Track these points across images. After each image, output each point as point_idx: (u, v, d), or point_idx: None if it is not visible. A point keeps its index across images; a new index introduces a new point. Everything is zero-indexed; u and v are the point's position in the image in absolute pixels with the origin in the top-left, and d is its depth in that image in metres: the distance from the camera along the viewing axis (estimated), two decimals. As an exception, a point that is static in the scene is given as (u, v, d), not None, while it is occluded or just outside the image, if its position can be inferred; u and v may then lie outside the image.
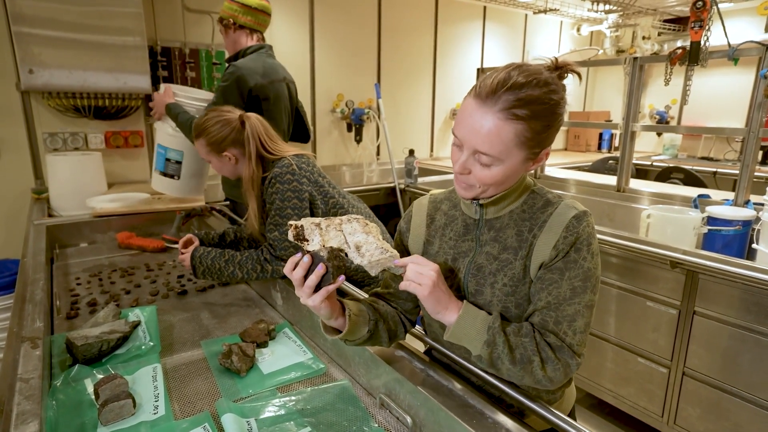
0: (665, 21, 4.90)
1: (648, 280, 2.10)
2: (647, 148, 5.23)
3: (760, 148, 2.23)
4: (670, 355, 2.06)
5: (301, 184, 1.54)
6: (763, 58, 2.12)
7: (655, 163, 4.34)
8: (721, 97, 4.63)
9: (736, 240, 2.09)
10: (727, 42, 2.23)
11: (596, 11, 4.61)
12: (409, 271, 0.87)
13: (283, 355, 1.26)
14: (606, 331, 2.29)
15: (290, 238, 0.90)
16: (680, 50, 2.38)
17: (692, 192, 2.71)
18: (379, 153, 4.15)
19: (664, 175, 3.74)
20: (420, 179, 3.51)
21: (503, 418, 0.86)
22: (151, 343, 1.27)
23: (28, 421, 0.86)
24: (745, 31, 4.41)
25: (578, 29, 5.36)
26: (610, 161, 4.00)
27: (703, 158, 4.65)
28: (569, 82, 0.91)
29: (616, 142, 5.07)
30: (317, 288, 0.88)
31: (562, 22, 5.26)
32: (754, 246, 2.03)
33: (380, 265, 0.88)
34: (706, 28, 2.27)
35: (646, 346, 2.15)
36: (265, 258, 1.51)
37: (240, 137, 1.56)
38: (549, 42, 5.24)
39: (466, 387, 0.95)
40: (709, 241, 2.14)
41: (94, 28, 2.53)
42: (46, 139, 2.71)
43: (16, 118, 2.65)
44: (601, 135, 5.28)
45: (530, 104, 0.81)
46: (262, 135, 1.57)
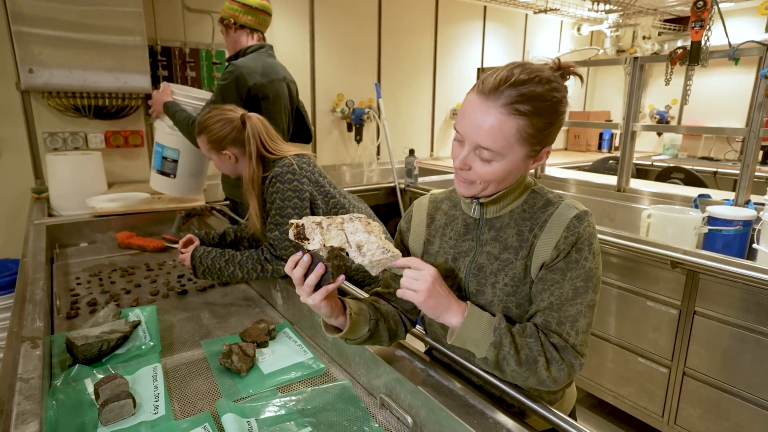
0: (665, 21, 4.90)
1: (648, 280, 2.10)
2: (647, 148, 5.23)
3: (760, 148, 2.23)
4: (671, 355, 2.06)
5: (302, 184, 1.54)
6: (763, 57, 2.12)
7: (655, 163, 4.34)
8: (721, 97, 4.63)
9: (737, 240, 2.09)
10: (728, 42, 2.23)
11: (596, 11, 4.60)
12: (404, 278, 0.87)
13: (284, 354, 1.26)
14: (606, 331, 2.29)
15: (291, 237, 0.90)
16: (681, 50, 2.38)
17: (693, 192, 2.71)
18: (379, 153, 4.15)
19: (665, 175, 3.74)
20: (420, 179, 3.51)
21: (504, 418, 0.86)
22: (152, 343, 1.27)
23: (28, 421, 0.86)
24: (746, 30, 4.41)
25: (578, 29, 5.36)
26: (611, 161, 4.00)
27: (704, 158, 4.64)
28: (570, 82, 0.91)
29: (617, 142, 5.07)
30: (317, 287, 0.88)
31: (562, 21, 5.26)
32: (754, 246, 2.03)
33: (381, 264, 0.88)
34: (707, 27, 2.27)
35: (647, 346, 2.15)
36: (266, 258, 1.51)
37: (240, 136, 1.57)
38: (549, 42, 5.24)
39: (466, 387, 0.95)
40: (710, 241, 2.14)
41: (94, 27, 2.53)
42: (46, 139, 2.71)
43: (16, 117, 2.65)
44: (601, 135, 5.28)
45: (533, 100, 0.81)
46: (263, 135, 1.57)
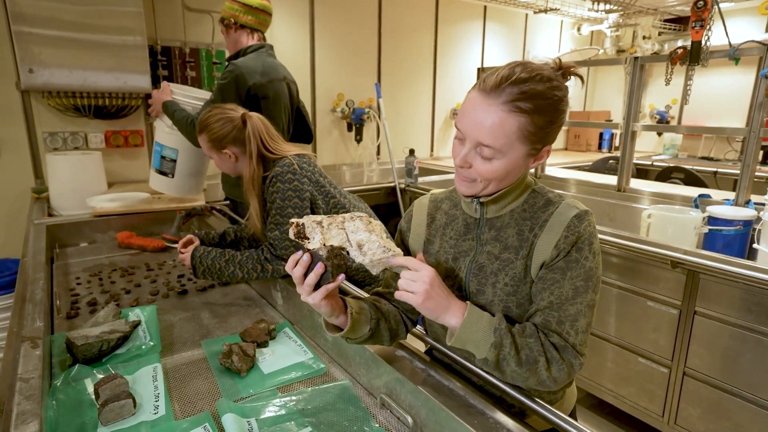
0: (666, 21, 4.90)
1: (649, 280, 2.10)
2: (647, 147, 5.23)
3: (760, 148, 2.23)
4: (671, 355, 2.06)
5: (302, 184, 1.54)
6: (763, 57, 2.11)
7: (655, 163, 4.34)
8: (721, 96, 4.62)
9: (737, 240, 2.09)
10: (728, 42, 2.23)
11: (597, 11, 4.60)
12: (402, 279, 0.86)
13: (284, 354, 1.26)
14: (607, 331, 2.29)
15: (291, 236, 0.90)
16: (681, 50, 2.38)
17: (693, 192, 2.71)
18: (379, 153, 4.15)
19: (665, 175, 3.74)
20: (420, 179, 3.51)
21: (504, 418, 0.86)
22: (152, 343, 1.27)
23: (28, 421, 0.86)
24: (746, 30, 4.41)
25: (579, 29, 5.36)
26: (611, 161, 4.00)
27: (704, 158, 4.64)
28: (570, 83, 0.91)
29: (617, 142, 5.07)
30: (318, 286, 0.88)
31: (562, 21, 5.26)
32: (754, 246, 2.03)
33: (382, 264, 0.88)
34: (707, 27, 2.27)
35: (647, 346, 2.15)
36: (266, 257, 1.50)
37: (241, 136, 1.57)
38: (549, 42, 5.23)
39: (467, 387, 0.95)
40: (710, 241, 2.14)
41: (94, 27, 2.53)
42: (46, 139, 2.71)
43: (16, 117, 2.65)
44: (601, 135, 5.28)
45: (534, 98, 0.81)
46: (264, 134, 1.57)
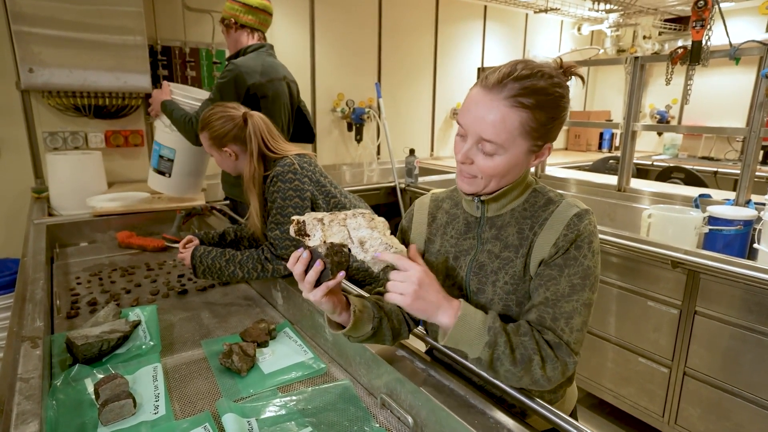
0: (666, 20, 4.90)
1: (649, 279, 2.10)
2: (648, 147, 5.23)
3: (761, 148, 2.23)
4: (671, 355, 2.06)
5: (303, 183, 1.54)
6: (764, 57, 2.11)
7: (655, 163, 4.34)
8: (722, 96, 4.62)
9: (737, 240, 2.08)
10: (729, 41, 2.23)
11: (597, 11, 4.60)
12: (390, 282, 0.85)
13: (284, 354, 1.26)
14: (607, 330, 2.29)
15: (292, 234, 0.90)
16: (681, 50, 2.38)
17: (693, 192, 2.71)
18: (379, 152, 4.14)
19: (665, 175, 3.74)
20: (420, 179, 3.51)
21: (505, 418, 0.86)
22: (152, 343, 1.27)
23: (28, 420, 0.86)
24: (747, 30, 4.41)
25: (579, 29, 5.36)
26: (611, 161, 4.00)
27: (704, 158, 4.64)
28: (571, 83, 0.91)
29: (617, 142, 5.07)
30: (318, 283, 0.88)
31: (562, 21, 5.26)
32: (755, 246, 2.03)
33: (384, 261, 0.88)
34: (708, 27, 2.27)
35: (647, 346, 2.14)
36: (266, 257, 1.50)
37: (242, 134, 1.57)
38: (550, 41, 5.23)
39: (467, 387, 0.95)
40: (710, 241, 2.14)
41: (94, 27, 2.53)
42: (46, 138, 2.71)
43: (16, 117, 2.65)
44: (601, 134, 5.28)
45: (535, 94, 0.82)
46: (264, 133, 1.57)
